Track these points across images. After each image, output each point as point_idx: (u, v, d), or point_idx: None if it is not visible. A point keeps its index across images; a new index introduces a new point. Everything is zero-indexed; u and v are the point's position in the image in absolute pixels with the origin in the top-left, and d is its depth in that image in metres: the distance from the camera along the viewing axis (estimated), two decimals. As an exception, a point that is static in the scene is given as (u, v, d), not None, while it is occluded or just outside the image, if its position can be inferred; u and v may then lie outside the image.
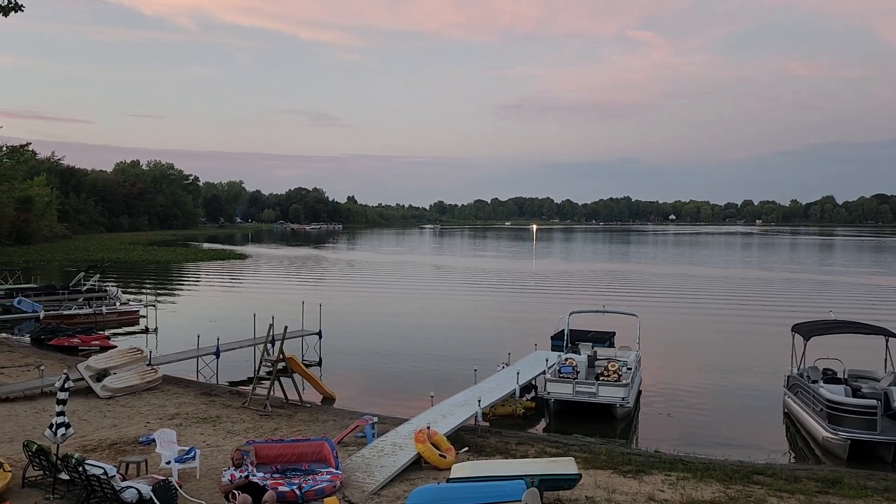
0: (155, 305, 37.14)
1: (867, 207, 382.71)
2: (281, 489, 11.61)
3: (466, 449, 15.28)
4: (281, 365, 19.42)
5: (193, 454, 13.07)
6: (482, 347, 29.47)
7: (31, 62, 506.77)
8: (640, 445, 17.48)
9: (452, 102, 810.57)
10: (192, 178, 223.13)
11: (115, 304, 37.80)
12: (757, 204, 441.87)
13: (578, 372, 20.75)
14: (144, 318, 36.35)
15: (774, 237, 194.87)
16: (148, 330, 33.83)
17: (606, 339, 26.96)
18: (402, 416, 18.09)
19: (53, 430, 12.11)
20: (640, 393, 22.14)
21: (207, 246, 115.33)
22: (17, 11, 18.94)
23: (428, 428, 14.69)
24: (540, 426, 19.34)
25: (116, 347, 25.40)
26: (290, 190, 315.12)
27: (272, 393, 19.05)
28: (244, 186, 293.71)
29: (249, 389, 19.97)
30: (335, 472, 12.62)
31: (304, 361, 24.30)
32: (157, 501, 10.74)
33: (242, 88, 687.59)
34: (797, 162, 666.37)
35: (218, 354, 24.27)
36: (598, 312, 26.72)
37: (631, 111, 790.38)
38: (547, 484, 11.50)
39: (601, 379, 20.15)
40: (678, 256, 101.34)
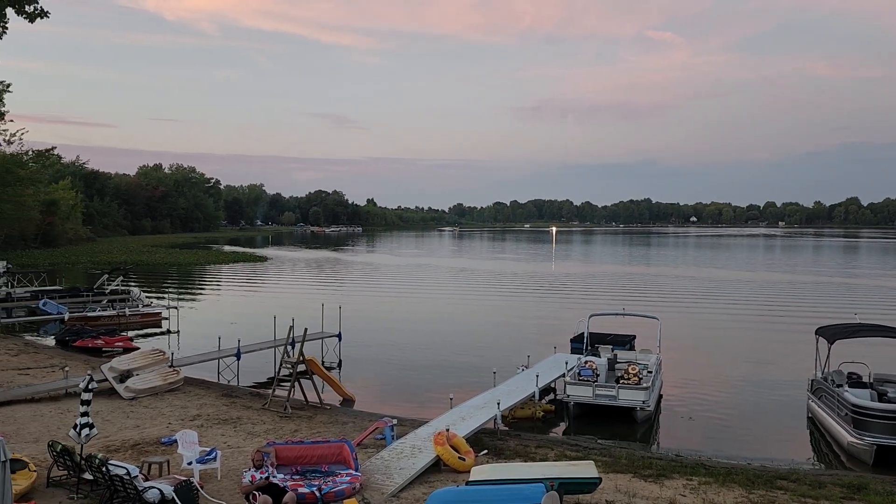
0: (177, 307, 37.51)
1: (893, 209, 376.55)
2: (301, 490, 11.66)
3: (486, 451, 15.25)
4: (301, 367, 19.53)
5: (214, 455, 13.17)
6: (501, 350, 29.41)
7: (56, 68, 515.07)
8: (660, 449, 17.34)
9: (472, 105, 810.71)
10: (213, 181, 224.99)
11: (137, 306, 38.24)
12: (780, 206, 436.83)
13: (598, 375, 20.64)
14: (166, 319, 36.72)
15: (798, 239, 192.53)
16: (170, 332, 34.18)
17: (627, 341, 26.79)
18: (421, 418, 18.10)
19: (78, 430, 12.26)
20: (660, 396, 21.97)
21: (228, 248, 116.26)
22: (42, 18, 19.26)
23: (447, 430, 14.69)
24: (559, 429, 19.26)
25: (139, 349, 25.69)
26: (309, 193, 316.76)
27: (292, 394, 19.15)
28: (265, 189, 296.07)
29: (270, 391, 20.09)
30: (354, 473, 12.65)
31: (323, 363, 24.40)
32: (178, 502, 10.83)
33: (263, 92, 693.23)
34: (820, 163, 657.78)
35: (239, 356, 24.46)
36: (618, 315, 26.57)
37: (651, 112, 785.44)
38: (567, 487, 11.44)
39: (621, 382, 20.03)
40: (699, 259, 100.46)
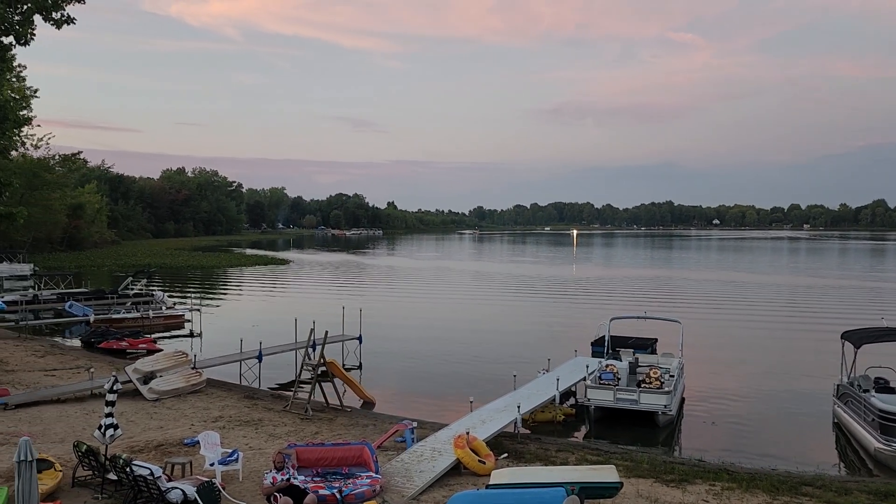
0: (199, 310, 37.85)
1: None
2: (321, 492, 11.71)
3: (506, 455, 15.21)
4: (322, 369, 19.61)
5: (236, 456, 13.27)
6: (521, 353, 29.32)
7: (82, 73, 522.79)
8: (683, 454, 17.18)
9: (492, 107, 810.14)
10: (235, 184, 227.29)
11: (161, 308, 38.65)
12: (804, 208, 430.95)
13: (619, 379, 20.49)
14: (189, 322, 37.06)
15: (823, 242, 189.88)
16: (192, 334, 34.50)
17: (648, 345, 26.56)
18: (441, 421, 18.09)
19: (102, 430, 12.41)
20: (683, 400, 21.77)
21: (250, 252, 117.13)
22: (69, 24, 19.54)
23: (467, 433, 14.67)
24: (580, 433, 19.15)
25: (162, 351, 25.96)
26: (330, 196, 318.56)
27: (313, 397, 19.25)
28: (286, 192, 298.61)
29: (291, 393, 20.20)
30: (375, 476, 12.68)
31: (344, 366, 24.48)
32: (201, 502, 10.92)
33: (285, 96, 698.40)
34: (846, 165, 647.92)
35: (260, 358, 24.63)
36: (639, 318, 26.36)
37: (673, 114, 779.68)
38: (587, 492, 11.36)
39: (643, 386, 19.87)
40: (722, 262, 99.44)
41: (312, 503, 11.14)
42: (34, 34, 19.57)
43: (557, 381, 20.14)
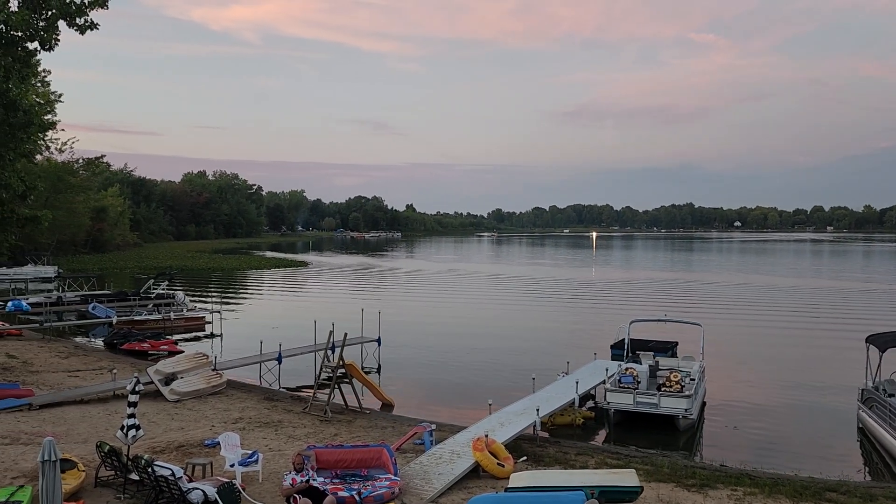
0: (220, 312, 38.14)
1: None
2: (340, 494, 11.74)
3: (525, 458, 15.15)
4: (341, 371, 19.68)
5: (256, 458, 13.35)
6: (540, 356, 29.22)
7: (105, 78, 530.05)
8: (704, 458, 17.01)
9: (510, 110, 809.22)
10: (255, 187, 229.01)
11: (182, 310, 38.99)
12: (828, 210, 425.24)
13: (639, 382, 20.34)
14: (210, 324, 37.37)
15: (847, 244, 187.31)
16: (213, 335, 34.77)
17: (668, 348, 26.35)
18: (459, 423, 18.08)
19: (124, 431, 12.53)
20: (704, 405, 21.56)
21: (270, 254, 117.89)
22: (92, 29, 19.79)
23: (486, 436, 14.64)
24: (600, 437, 19.04)
25: (183, 352, 26.18)
26: (349, 198, 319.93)
27: (332, 399, 19.31)
28: (305, 195, 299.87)
29: (310, 395, 20.28)
30: (394, 478, 12.69)
31: (363, 368, 24.54)
32: (221, 503, 10.99)
33: (304, 99, 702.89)
34: (870, 166, 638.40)
35: (280, 360, 24.76)
36: (659, 321, 26.17)
37: (693, 116, 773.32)
38: (607, 496, 11.29)
39: (663, 389, 19.70)
40: (744, 265, 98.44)
41: (331, 505, 11.17)
42: (58, 40, 19.84)
43: (577, 384, 20.04)
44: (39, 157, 69.85)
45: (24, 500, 10.88)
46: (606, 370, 21.51)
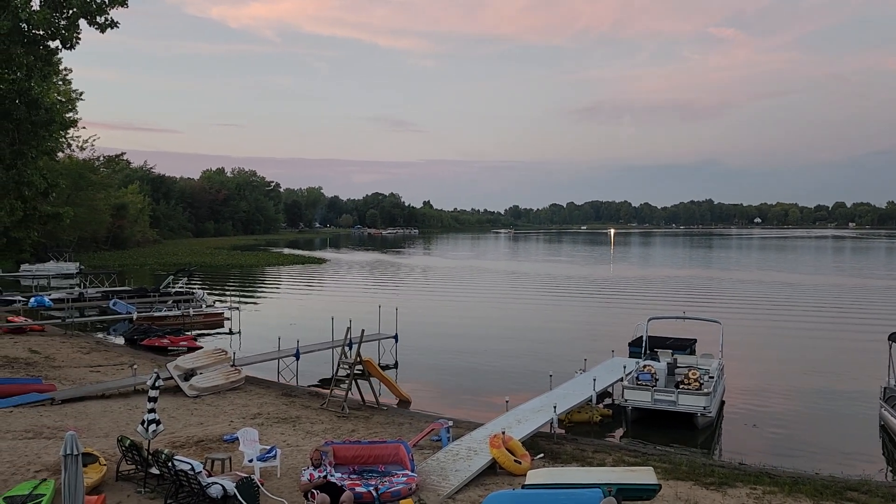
0: (238, 308, 38.43)
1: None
2: (358, 490, 11.79)
3: (542, 455, 15.13)
4: (358, 368, 19.75)
5: (274, 453, 13.44)
6: (557, 353, 29.14)
7: (126, 76, 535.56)
8: (723, 457, 16.88)
9: (527, 106, 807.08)
10: (273, 184, 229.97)
11: (201, 306, 39.33)
12: (850, 206, 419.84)
13: (657, 379, 20.23)
14: (228, 320, 37.65)
15: (870, 241, 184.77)
16: (232, 332, 35.03)
17: (687, 346, 26.22)
18: (476, 420, 18.08)
19: (145, 426, 12.67)
20: (723, 403, 21.38)
21: (288, 251, 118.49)
22: (112, 28, 19.98)
23: (503, 433, 14.63)
24: (617, 434, 18.95)
25: (202, 348, 26.42)
26: (367, 195, 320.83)
27: (350, 395, 19.39)
28: (323, 192, 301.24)
29: (328, 391, 20.38)
30: (411, 474, 12.72)
31: (380, 364, 24.62)
32: (240, 498, 11.08)
33: (322, 96, 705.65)
34: (893, 161, 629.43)
35: (298, 356, 24.89)
36: (677, 319, 26.00)
37: (712, 111, 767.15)
38: (625, 493, 11.24)
39: (681, 387, 19.57)
40: (764, 262, 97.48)
41: (349, 500, 11.22)
42: (79, 38, 20.05)
43: (594, 381, 19.96)
44: (61, 154, 70.68)
45: (46, 493, 11.04)
46: (624, 368, 21.41)
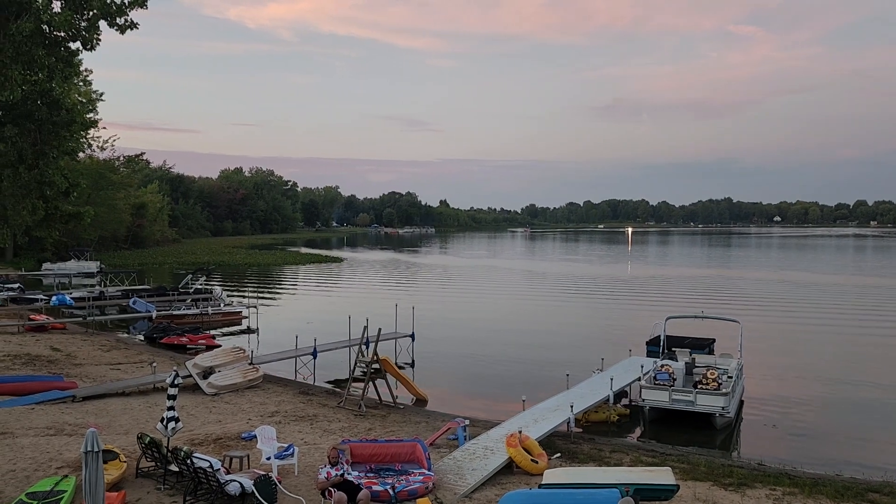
0: (256, 307, 38.65)
1: None
2: (375, 488, 11.82)
3: (559, 455, 15.09)
4: (375, 366, 19.79)
5: (292, 451, 13.51)
6: (574, 352, 29.04)
7: (145, 77, 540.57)
8: (741, 457, 16.73)
9: (544, 104, 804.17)
10: (290, 183, 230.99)
11: (219, 305, 39.60)
12: (871, 204, 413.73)
13: (675, 379, 20.09)
14: (246, 318, 37.88)
15: (892, 240, 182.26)
16: (249, 330, 35.25)
17: (706, 345, 25.99)
18: (493, 419, 18.06)
19: (164, 423, 12.77)
20: (742, 403, 21.20)
21: (305, 250, 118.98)
22: (132, 29, 20.17)
23: (520, 432, 14.60)
24: (635, 434, 18.84)
25: (221, 347, 26.60)
26: (383, 194, 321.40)
27: (367, 393, 19.45)
28: (340, 191, 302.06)
29: (345, 390, 20.45)
30: (427, 473, 12.74)
31: (397, 363, 24.68)
32: (258, 495, 11.15)
33: (339, 96, 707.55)
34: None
35: (315, 355, 25.00)
36: (696, 318, 25.81)
37: (731, 109, 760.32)
38: (643, 494, 11.16)
39: (699, 387, 19.43)
40: (784, 261, 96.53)
41: (366, 498, 11.25)
42: (99, 39, 20.28)
43: (611, 380, 19.87)
44: (82, 154, 71.61)
45: (67, 489, 11.17)
46: (642, 367, 21.28)
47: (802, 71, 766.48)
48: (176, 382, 13.13)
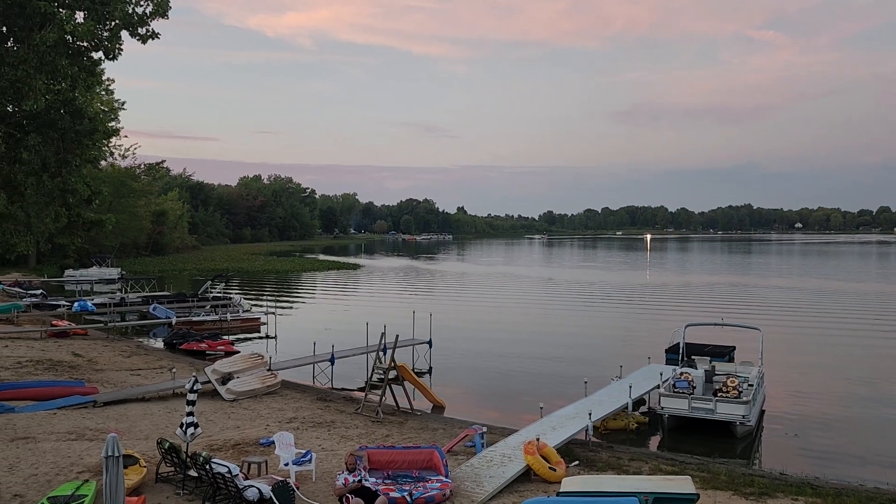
0: (274, 313, 38.83)
1: None
2: (392, 495, 11.81)
3: (577, 463, 14.99)
4: (393, 373, 19.81)
5: (310, 457, 13.54)
6: (592, 360, 28.87)
7: (166, 85, 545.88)
8: (763, 466, 16.54)
9: (562, 111, 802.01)
10: (309, 190, 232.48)
11: (238, 311, 39.84)
12: (895, 210, 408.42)
13: (695, 387, 19.90)
14: (265, 325, 38.08)
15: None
16: (268, 336, 35.42)
17: (726, 353, 25.72)
18: (511, 426, 18.00)
19: (184, 429, 12.87)
20: (763, 412, 20.95)
21: (323, 257, 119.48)
22: (153, 39, 20.41)
23: (537, 440, 14.54)
24: (654, 442, 18.69)
25: (239, 353, 26.75)
26: (401, 201, 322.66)
27: (384, 400, 19.45)
28: (358, 198, 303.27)
29: (362, 396, 20.47)
30: (445, 480, 12.70)
31: (414, 370, 24.67)
32: (276, 501, 11.18)
33: (357, 103, 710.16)
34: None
35: (333, 361, 25.07)
36: (716, 325, 25.57)
37: (752, 115, 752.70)
38: (662, 503, 11.07)
39: (719, 395, 19.24)
40: (806, 268, 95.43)
41: (383, 505, 11.24)
42: (121, 49, 20.53)
43: (630, 388, 19.73)
44: (104, 162, 72.54)
45: (88, 494, 11.28)
46: (661, 375, 21.10)
47: (824, 75, 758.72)
48: (195, 388, 13.23)
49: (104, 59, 20.87)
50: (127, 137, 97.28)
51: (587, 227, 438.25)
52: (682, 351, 23.98)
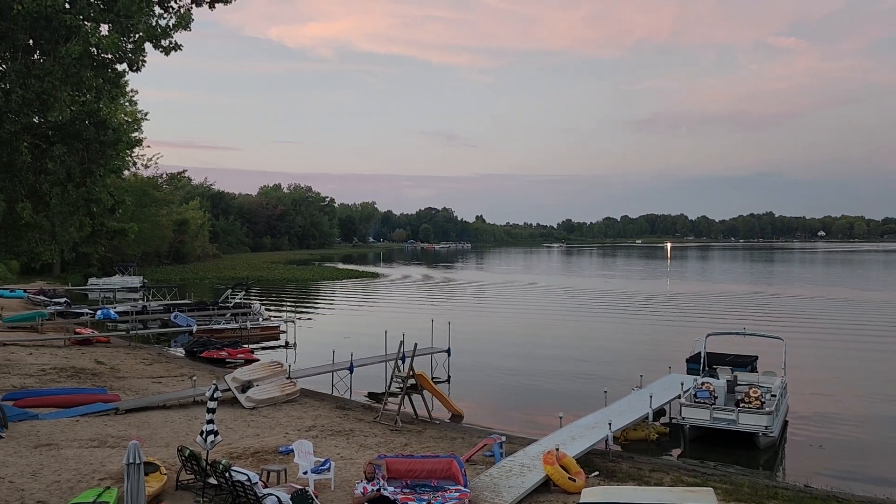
0: (294, 321, 38.99)
1: None
2: (411, 504, 11.78)
3: (597, 473, 14.87)
4: (411, 381, 19.80)
5: (328, 466, 13.55)
6: (612, 369, 28.66)
7: (188, 95, 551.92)
8: (786, 478, 16.30)
9: (581, 119, 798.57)
10: (328, 199, 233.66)
11: (258, 319, 40.08)
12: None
13: (716, 397, 19.68)
14: (284, 333, 38.25)
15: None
16: (287, 345, 35.58)
17: (748, 363, 25.41)
18: (529, 436, 17.91)
19: (204, 436, 12.94)
20: (786, 422, 20.66)
21: (342, 265, 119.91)
22: (176, 50, 20.68)
23: (557, 450, 14.44)
24: (675, 453, 18.49)
25: (259, 361, 26.89)
26: (420, 210, 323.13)
27: (403, 409, 19.44)
28: (377, 207, 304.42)
29: (381, 405, 20.48)
30: (463, 489, 12.65)
31: (433, 378, 24.63)
32: (294, 509, 11.19)
33: (376, 113, 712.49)
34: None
35: (352, 370, 25.12)
36: (738, 335, 25.29)
37: (773, 122, 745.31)
38: (683, 514, 10.93)
39: (742, 405, 19.00)
40: (829, 277, 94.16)
41: (402, 515, 11.22)
42: (145, 61, 20.82)
43: (650, 398, 19.53)
44: (127, 172, 73.50)
45: (110, 500, 11.37)
46: (682, 384, 20.90)
47: (846, 82, 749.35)
48: (215, 396, 13.30)
49: (128, 70, 21.19)
50: (150, 147, 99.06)
51: (606, 235, 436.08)
52: (703, 360, 23.73)
